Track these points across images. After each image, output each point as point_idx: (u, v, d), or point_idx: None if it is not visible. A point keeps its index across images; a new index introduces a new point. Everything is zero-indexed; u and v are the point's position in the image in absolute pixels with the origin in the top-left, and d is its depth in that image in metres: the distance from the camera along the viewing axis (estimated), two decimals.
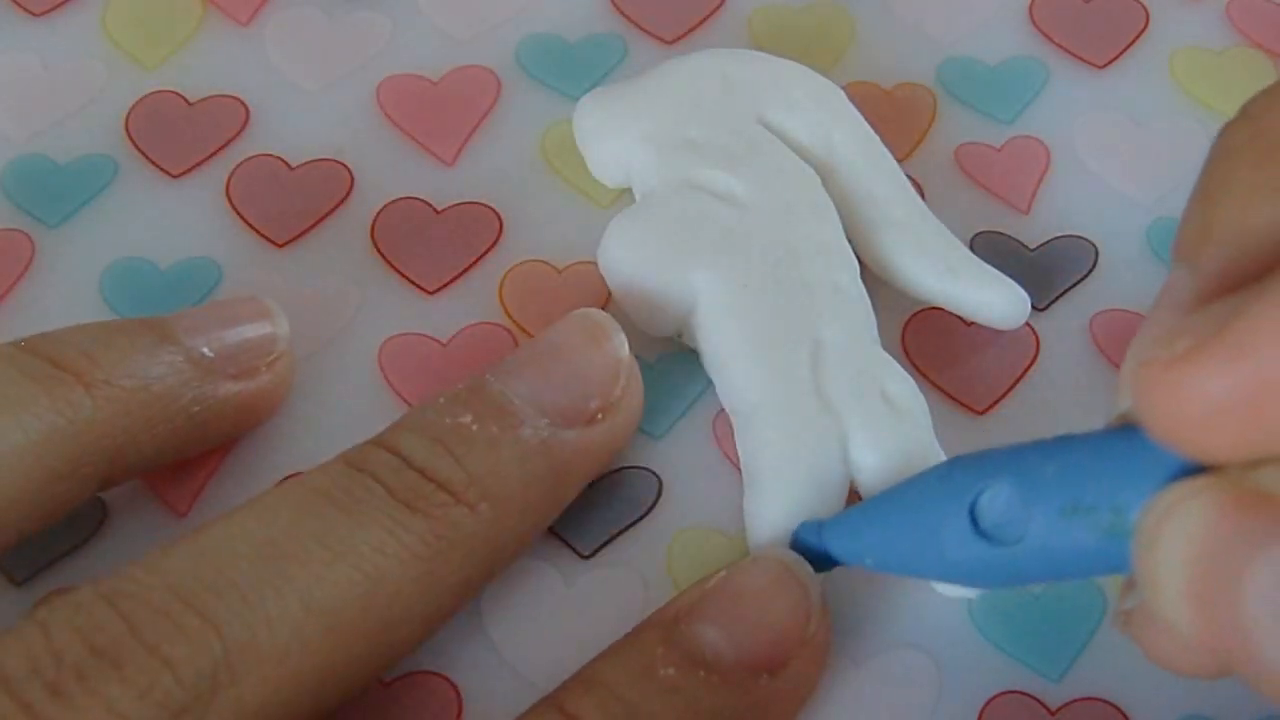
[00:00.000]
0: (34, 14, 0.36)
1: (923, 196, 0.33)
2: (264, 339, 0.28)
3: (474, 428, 0.26)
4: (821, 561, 0.26)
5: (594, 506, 0.29)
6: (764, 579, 0.26)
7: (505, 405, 0.26)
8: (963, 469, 0.23)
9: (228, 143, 0.34)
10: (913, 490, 0.24)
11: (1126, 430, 0.20)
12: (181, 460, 0.29)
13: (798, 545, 0.27)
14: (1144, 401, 0.19)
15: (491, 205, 0.33)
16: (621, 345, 0.28)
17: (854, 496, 0.28)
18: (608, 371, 0.27)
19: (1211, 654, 0.19)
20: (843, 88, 0.33)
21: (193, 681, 0.21)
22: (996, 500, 0.22)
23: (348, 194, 0.34)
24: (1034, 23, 0.38)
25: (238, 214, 0.33)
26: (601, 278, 0.31)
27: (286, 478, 0.29)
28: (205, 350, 0.27)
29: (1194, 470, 0.19)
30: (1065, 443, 0.22)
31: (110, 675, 0.21)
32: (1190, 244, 0.21)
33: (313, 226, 0.33)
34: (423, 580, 0.24)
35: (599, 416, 0.27)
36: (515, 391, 0.26)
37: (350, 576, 0.23)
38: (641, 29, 0.37)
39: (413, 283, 0.32)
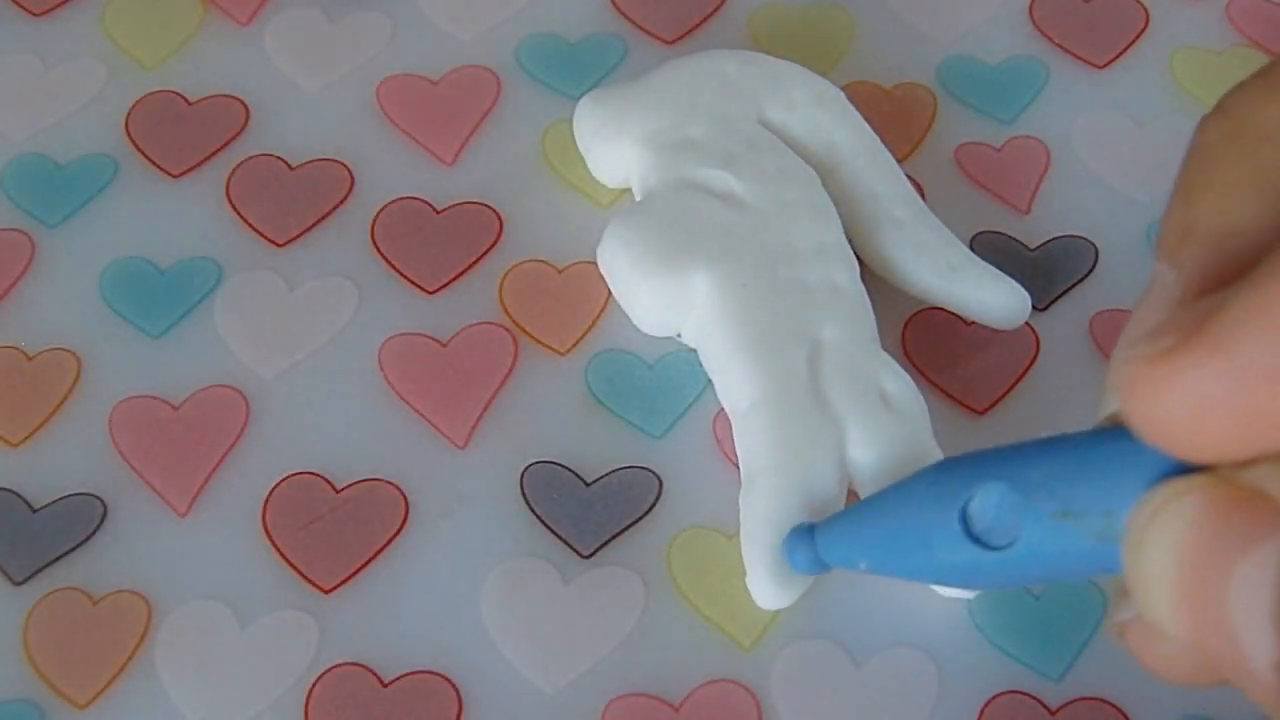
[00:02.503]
0: (34, 14, 0.36)
1: (923, 196, 0.33)
2: None
3: None
4: (813, 565, 0.26)
5: (594, 506, 0.29)
6: None
7: None
8: (952, 473, 0.23)
9: (228, 143, 0.34)
10: (903, 494, 0.24)
11: (1115, 431, 0.20)
12: (181, 461, 0.29)
13: (788, 549, 0.27)
14: (1130, 399, 0.18)
15: (491, 205, 0.33)
16: None
17: (852, 496, 0.28)
18: None
19: (1200, 656, 0.19)
20: (843, 88, 0.33)
21: None
22: (987, 505, 0.22)
23: (348, 194, 0.34)
24: (1034, 23, 0.38)
25: (238, 214, 0.33)
26: (601, 277, 0.31)
27: (284, 478, 0.29)
28: None
29: (1183, 471, 0.19)
30: (1054, 445, 0.21)
31: None
32: (1172, 243, 0.21)
33: (313, 226, 0.33)
34: None
35: None
36: None
37: None
38: (641, 29, 0.37)
39: (413, 283, 0.32)
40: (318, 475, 0.30)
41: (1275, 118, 0.20)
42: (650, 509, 0.29)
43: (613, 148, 0.32)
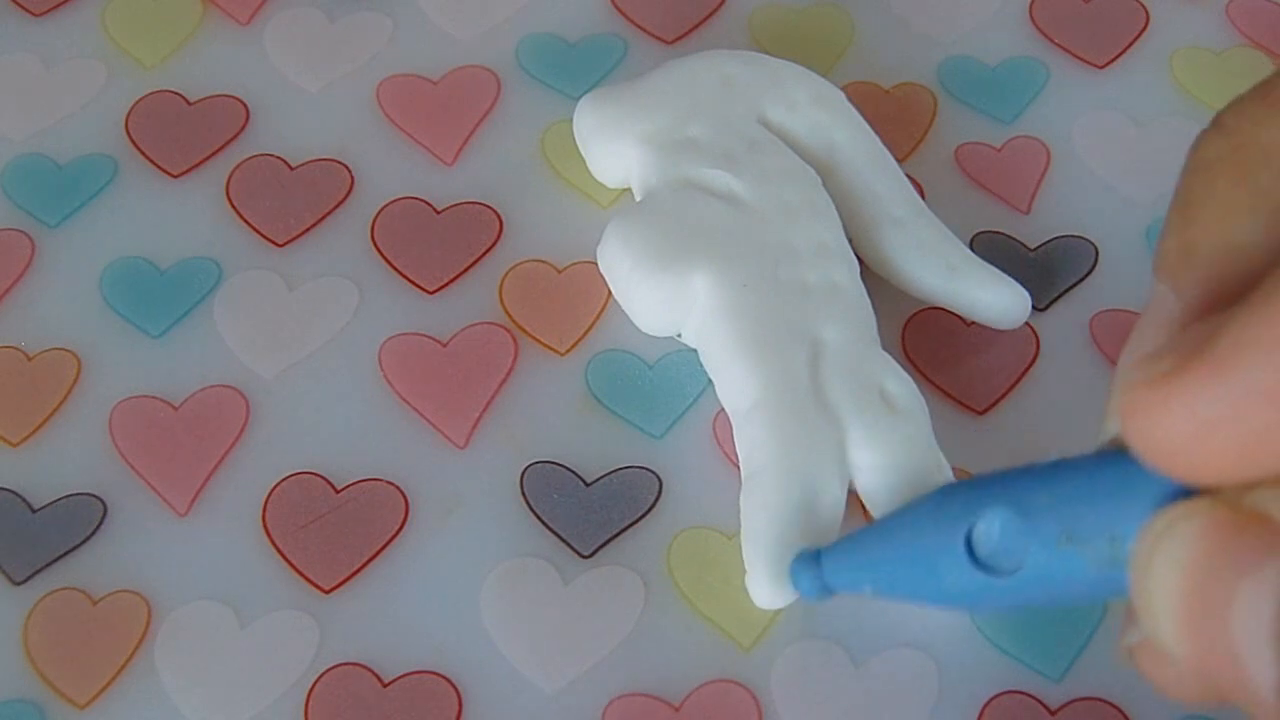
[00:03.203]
0: (34, 14, 0.36)
1: (923, 196, 0.33)
2: None
3: None
4: (819, 590, 0.26)
5: (594, 506, 0.29)
6: None
7: None
8: (956, 498, 0.23)
9: (228, 143, 0.34)
10: (907, 520, 0.24)
11: (1119, 455, 0.20)
12: (181, 461, 0.29)
13: (794, 574, 0.27)
14: (1130, 423, 0.18)
15: (491, 205, 0.33)
16: None
17: (852, 496, 0.28)
18: None
19: (1206, 679, 0.19)
20: (843, 88, 0.33)
21: None
22: (991, 530, 0.22)
23: (348, 194, 0.34)
24: (1034, 23, 0.38)
25: (238, 214, 0.33)
26: (601, 277, 0.31)
27: (284, 478, 0.29)
28: None
29: (1188, 495, 0.19)
30: (1059, 469, 0.21)
31: None
32: (1171, 263, 0.20)
33: (313, 226, 0.33)
34: None
35: None
36: None
37: None
38: (641, 29, 0.37)
39: (413, 283, 0.32)
40: (318, 475, 0.30)
41: (1275, 138, 0.20)
42: (650, 509, 0.29)
43: (613, 148, 0.32)
